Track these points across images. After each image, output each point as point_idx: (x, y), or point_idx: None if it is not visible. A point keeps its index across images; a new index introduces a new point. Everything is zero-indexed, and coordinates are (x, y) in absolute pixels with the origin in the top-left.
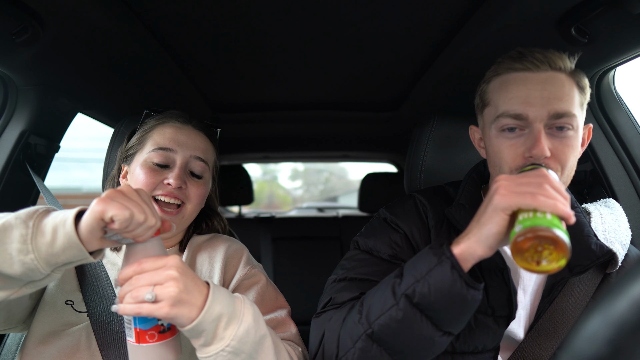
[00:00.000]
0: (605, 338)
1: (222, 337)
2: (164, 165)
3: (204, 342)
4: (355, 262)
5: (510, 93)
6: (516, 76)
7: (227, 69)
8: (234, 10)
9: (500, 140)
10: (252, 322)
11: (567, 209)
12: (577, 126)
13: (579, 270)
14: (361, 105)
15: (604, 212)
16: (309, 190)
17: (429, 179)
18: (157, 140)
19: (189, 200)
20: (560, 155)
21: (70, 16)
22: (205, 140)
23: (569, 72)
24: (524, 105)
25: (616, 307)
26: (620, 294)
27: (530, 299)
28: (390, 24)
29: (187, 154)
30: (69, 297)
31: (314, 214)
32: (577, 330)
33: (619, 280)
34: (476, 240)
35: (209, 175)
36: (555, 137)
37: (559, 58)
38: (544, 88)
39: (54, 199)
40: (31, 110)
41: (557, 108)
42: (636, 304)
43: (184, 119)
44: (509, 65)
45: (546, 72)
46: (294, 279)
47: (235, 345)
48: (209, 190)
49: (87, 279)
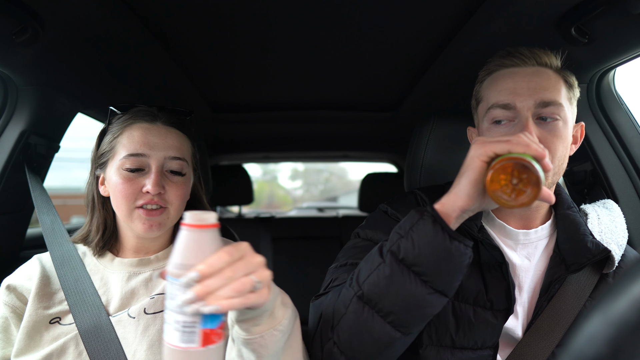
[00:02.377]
0: (605, 338)
1: (275, 316)
2: (139, 169)
3: (257, 321)
4: (356, 250)
5: (499, 86)
6: (505, 71)
7: (227, 69)
8: (234, 10)
9: (492, 132)
10: (289, 301)
11: (541, 150)
12: (565, 118)
13: (575, 267)
14: (361, 105)
15: (602, 213)
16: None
17: (429, 179)
18: (127, 146)
19: (171, 204)
20: (549, 144)
21: (70, 16)
22: (179, 136)
23: (555, 68)
24: (512, 95)
25: (616, 307)
26: (620, 294)
27: (527, 297)
28: (391, 24)
29: (161, 156)
30: (55, 316)
31: (314, 214)
32: (577, 330)
33: (619, 280)
34: (456, 192)
35: (190, 170)
36: (543, 127)
37: (544, 54)
38: (531, 80)
39: (48, 202)
40: (31, 110)
41: (544, 97)
42: (636, 304)
43: (151, 116)
44: (498, 63)
45: (533, 66)
46: (294, 279)
47: (286, 324)
48: (192, 183)
49: (72, 293)
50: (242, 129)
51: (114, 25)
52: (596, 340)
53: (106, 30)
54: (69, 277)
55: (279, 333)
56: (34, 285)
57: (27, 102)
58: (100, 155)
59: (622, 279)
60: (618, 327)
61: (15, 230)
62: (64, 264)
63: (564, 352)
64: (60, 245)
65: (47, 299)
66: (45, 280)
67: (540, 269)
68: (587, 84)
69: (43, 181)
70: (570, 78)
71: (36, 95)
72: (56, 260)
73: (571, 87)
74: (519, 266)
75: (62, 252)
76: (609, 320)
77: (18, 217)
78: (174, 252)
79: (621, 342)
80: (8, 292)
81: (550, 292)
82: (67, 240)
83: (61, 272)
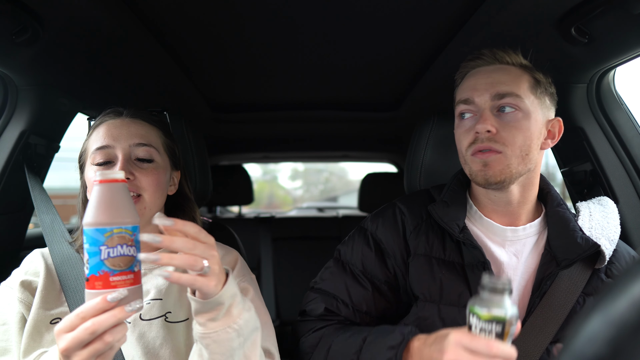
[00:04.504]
0: (605, 338)
1: (231, 314)
2: (107, 162)
3: (214, 316)
4: (329, 274)
5: (463, 85)
6: (470, 72)
7: (227, 69)
8: (234, 11)
9: (459, 128)
10: (254, 313)
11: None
12: (526, 110)
13: (566, 263)
14: (361, 105)
15: (594, 209)
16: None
17: (429, 179)
18: (95, 142)
19: (144, 190)
20: (505, 134)
21: (70, 16)
22: (144, 125)
23: (517, 64)
24: (472, 91)
25: (616, 307)
26: (620, 294)
27: (518, 294)
28: (390, 23)
29: (125, 144)
30: (56, 317)
31: (314, 214)
32: (576, 330)
33: (619, 280)
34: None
35: (164, 159)
36: (501, 118)
37: (505, 53)
38: (489, 76)
39: (48, 202)
40: (31, 110)
41: (499, 89)
42: (636, 304)
43: (116, 113)
44: (465, 65)
45: (494, 64)
46: (294, 278)
47: (242, 324)
48: (170, 176)
49: (72, 292)
50: (242, 129)
51: (114, 25)
52: (596, 340)
53: (106, 31)
54: (69, 275)
55: (234, 332)
56: (40, 283)
57: (27, 102)
58: (79, 159)
59: (622, 279)
60: (618, 327)
61: (15, 230)
62: (64, 263)
63: (564, 352)
64: (60, 244)
65: (50, 298)
66: (49, 279)
67: (532, 267)
68: (587, 84)
69: (43, 181)
70: (538, 74)
71: (36, 95)
72: (56, 258)
73: (539, 83)
74: (506, 264)
75: (62, 251)
76: (609, 320)
77: (18, 217)
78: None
79: (621, 342)
80: (23, 289)
81: (542, 289)
82: (68, 239)
83: (61, 271)
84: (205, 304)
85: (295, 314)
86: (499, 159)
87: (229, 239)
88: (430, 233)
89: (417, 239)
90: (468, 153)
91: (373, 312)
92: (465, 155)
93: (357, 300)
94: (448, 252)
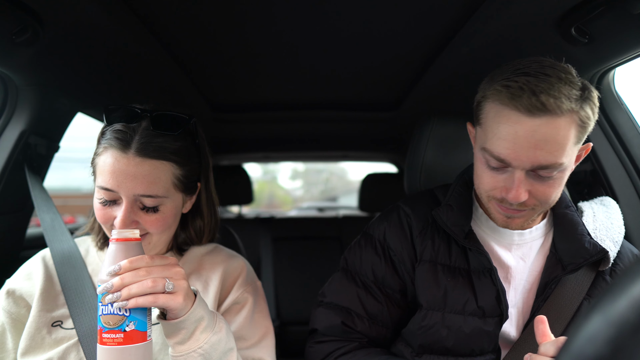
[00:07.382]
0: (605, 338)
1: (197, 338)
2: (112, 201)
3: (180, 339)
4: (338, 287)
5: (499, 132)
6: (509, 115)
7: (227, 69)
8: (234, 10)
9: (483, 168)
10: (225, 335)
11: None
12: (565, 167)
13: (572, 268)
14: (361, 105)
15: (598, 210)
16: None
17: (429, 179)
18: (100, 175)
19: (151, 230)
20: (539, 195)
21: (70, 16)
22: (153, 168)
23: (568, 111)
24: (509, 151)
25: (616, 307)
26: (620, 294)
27: (523, 297)
28: (391, 24)
29: (130, 193)
30: (57, 319)
31: (314, 214)
32: (577, 330)
33: (619, 280)
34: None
35: (174, 198)
36: (537, 180)
37: (559, 100)
38: (533, 136)
39: (48, 201)
40: (31, 110)
41: (542, 161)
42: (636, 304)
43: (123, 144)
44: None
45: (540, 117)
46: (294, 279)
47: (207, 349)
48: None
49: (73, 293)
50: (242, 129)
51: (114, 25)
52: (596, 340)
53: (106, 30)
54: (69, 275)
55: (199, 357)
56: (39, 286)
57: (27, 102)
58: (91, 163)
59: (622, 278)
60: (618, 327)
61: (15, 230)
62: (65, 262)
63: (564, 352)
64: (60, 242)
65: (50, 300)
66: (49, 281)
67: (536, 270)
68: None
69: (43, 181)
70: (586, 112)
71: (36, 95)
72: (56, 257)
73: (584, 126)
74: (513, 268)
75: (63, 250)
76: (609, 320)
77: (18, 217)
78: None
79: (621, 342)
80: (6, 297)
81: (547, 292)
82: (68, 237)
83: (61, 271)
84: (169, 325)
85: (295, 313)
86: (527, 214)
87: (229, 239)
88: (436, 237)
89: (423, 243)
90: (491, 199)
91: (389, 323)
92: (487, 198)
93: (372, 311)
94: (454, 258)
